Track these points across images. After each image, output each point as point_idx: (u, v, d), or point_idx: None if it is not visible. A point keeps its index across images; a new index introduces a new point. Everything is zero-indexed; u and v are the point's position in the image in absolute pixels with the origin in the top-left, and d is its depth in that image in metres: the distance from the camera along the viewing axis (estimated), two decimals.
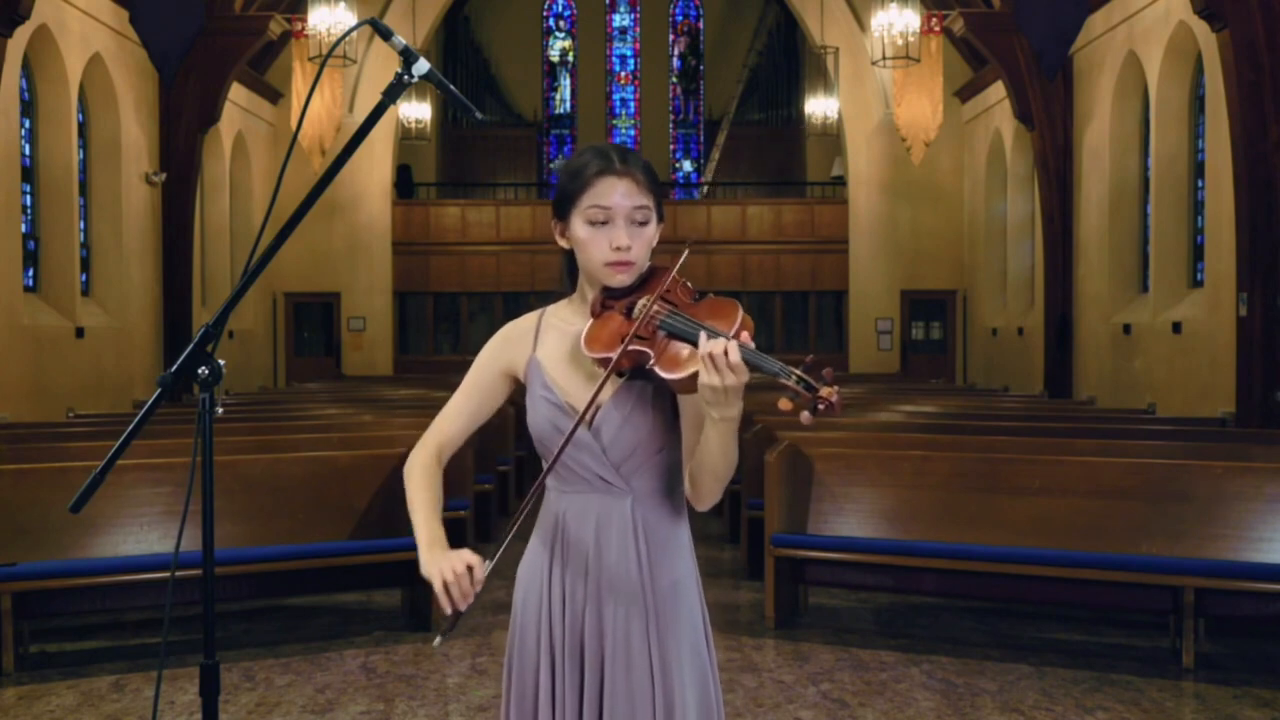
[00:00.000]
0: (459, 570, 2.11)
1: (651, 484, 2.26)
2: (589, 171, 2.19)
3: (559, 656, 2.26)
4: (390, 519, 6.44)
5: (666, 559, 2.27)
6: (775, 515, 6.35)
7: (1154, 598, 5.69)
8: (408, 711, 5.03)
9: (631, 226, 2.19)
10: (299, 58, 15.78)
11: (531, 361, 2.30)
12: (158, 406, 2.17)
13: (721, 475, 2.18)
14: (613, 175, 2.18)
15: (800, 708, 5.06)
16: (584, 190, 2.19)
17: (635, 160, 2.22)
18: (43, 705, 5.12)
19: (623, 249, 2.18)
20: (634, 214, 2.19)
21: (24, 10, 10.82)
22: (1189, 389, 11.96)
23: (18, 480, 5.79)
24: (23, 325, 11.98)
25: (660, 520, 2.27)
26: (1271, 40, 9.87)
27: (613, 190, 2.18)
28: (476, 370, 2.37)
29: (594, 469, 2.24)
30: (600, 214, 2.18)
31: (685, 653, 2.26)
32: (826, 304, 20.74)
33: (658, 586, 2.25)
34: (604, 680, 2.23)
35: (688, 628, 2.28)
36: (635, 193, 2.19)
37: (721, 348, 1.99)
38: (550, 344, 2.30)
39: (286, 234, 2.17)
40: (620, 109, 25.69)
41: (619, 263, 2.19)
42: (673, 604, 2.26)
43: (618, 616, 2.23)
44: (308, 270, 19.25)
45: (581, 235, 2.21)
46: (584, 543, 2.26)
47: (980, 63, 17.85)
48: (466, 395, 2.38)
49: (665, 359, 2.09)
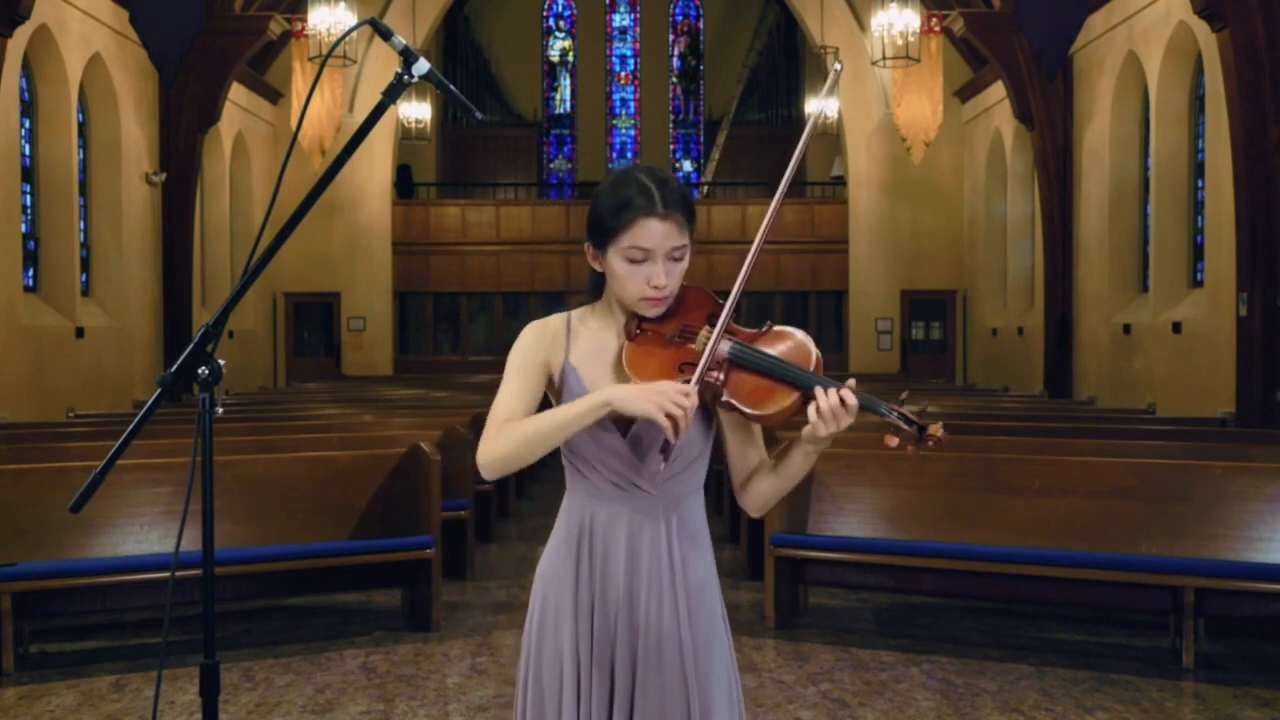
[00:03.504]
0: (681, 401, 2.06)
1: (684, 489, 2.31)
2: (632, 212, 2.18)
3: (585, 661, 2.27)
4: (390, 519, 6.45)
5: (695, 555, 2.31)
6: (775, 515, 6.34)
7: (1154, 598, 5.69)
8: (408, 711, 5.03)
9: (668, 263, 2.21)
10: (299, 58, 15.78)
11: (567, 366, 2.29)
12: (158, 406, 2.17)
13: (786, 493, 2.33)
14: (655, 218, 2.18)
15: (800, 708, 5.06)
16: (625, 229, 2.19)
17: (676, 198, 2.21)
18: (43, 705, 5.12)
19: (660, 287, 2.21)
20: (672, 253, 2.21)
21: (24, 10, 10.82)
22: (1189, 389, 11.95)
23: (18, 480, 5.79)
24: (23, 325, 11.98)
25: (690, 520, 2.32)
26: (1271, 40, 9.86)
27: (654, 233, 2.19)
28: (522, 363, 2.29)
29: (630, 478, 2.26)
30: (640, 254, 2.20)
31: (714, 646, 2.30)
32: (826, 304, 20.74)
33: (688, 583, 2.29)
34: (635, 679, 2.25)
35: (717, 622, 2.33)
36: (675, 234, 2.20)
37: (837, 400, 2.08)
38: (582, 350, 2.30)
39: (286, 234, 2.17)
40: (620, 109, 25.69)
41: (655, 299, 2.22)
42: (699, 598, 2.30)
43: (650, 614, 2.25)
44: (308, 270, 19.25)
45: (619, 270, 2.22)
46: (616, 548, 2.27)
47: (980, 63, 17.85)
48: (520, 384, 2.28)
49: (745, 393, 2.16)
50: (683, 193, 2.23)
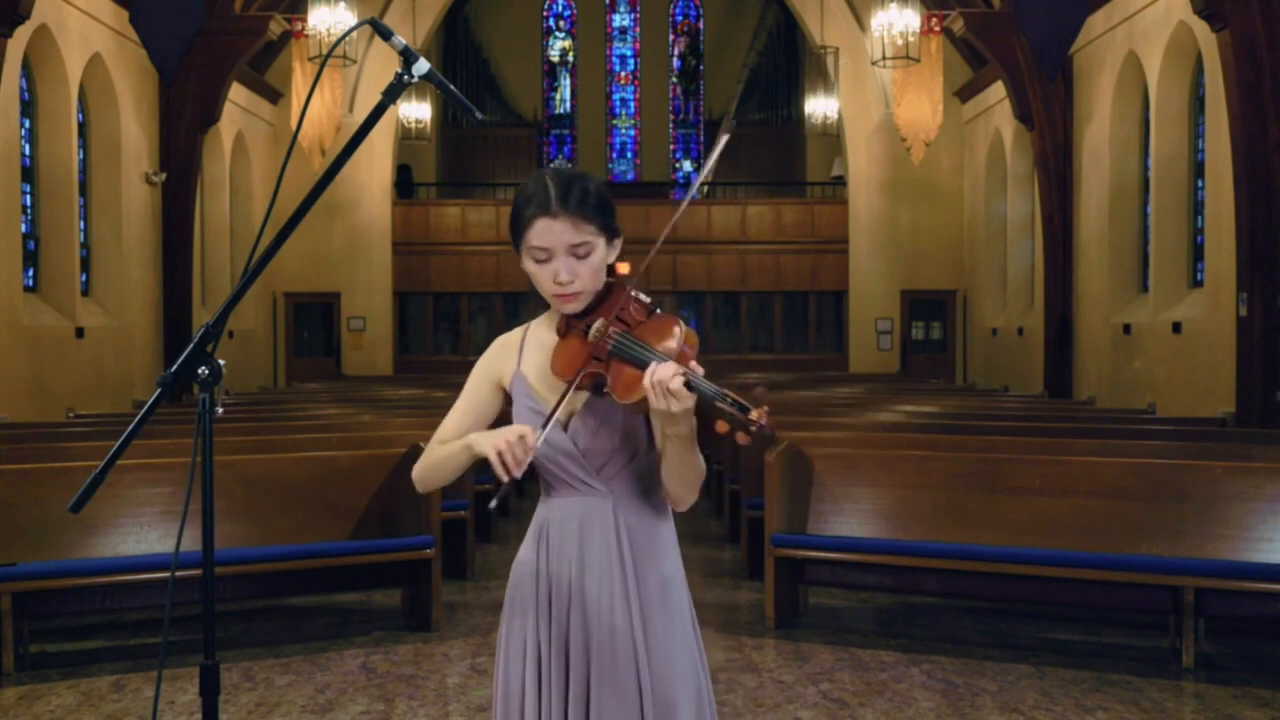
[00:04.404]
0: (511, 439, 2.15)
1: (631, 487, 2.33)
2: (526, 213, 2.25)
3: (545, 656, 2.31)
4: (390, 519, 6.44)
5: (652, 559, 2.34)
6: (775, 515, 6.35)
7: (1154, 598, 5.68)
8: (408, 711, 5.03)
9: (572, 260, 2.24)
10: (299, 58, 15.78)
11: (516, 375, 2.38)
12: (158, 406, 2.17)
13: (688, 482, 2.28)
14: (548, 218, 2.22)
15: (800, 708, 5.06)
16: (525, 230, 2.26)
17: (574, 194, 2.23)
18: (43, 705, 5.12)
19: (564, 283, 2.25)
20: (574, 250, 2.24)
21: (24, 10, 10.83)
22: (1189, 389, 11.95)
23: (18, 480, 5.79)
24: (23, 325, 11.98)
25: (642, 521, 2.34)
26: (1271, 40, 9.87)
27: (548, 232, 2.23)
28: (472, 382, 2.45)
29: (576, 473, 2.32)
30: (542, 254, 2.25)
31: (676, 649, 2.31)
32: (826, 304, 20.74)
33: (644, 587, 2.31)
34: (590, 679, 2.28)
35: (678, 624, 2.34)
36: (571, 230, 2.23)
37: (662, 376, 2.07)
38: (531, 357, 2.38)
39: (286, 234, 2.18)
40: (620, 109, 25.70)
41: (564, 295, 2.26)
42: (661, 602, 2.32)
43: (602, 615, 2.28)
44: (308, 270, 19.26)
45: (530, 270, 2.30)
46: (569, 544, 2.33)
47: (980, 63, 17.85)
48: (463, 412, 2.44)
49: (620, 383, 2.19)
50: (585, 191, 2.24)
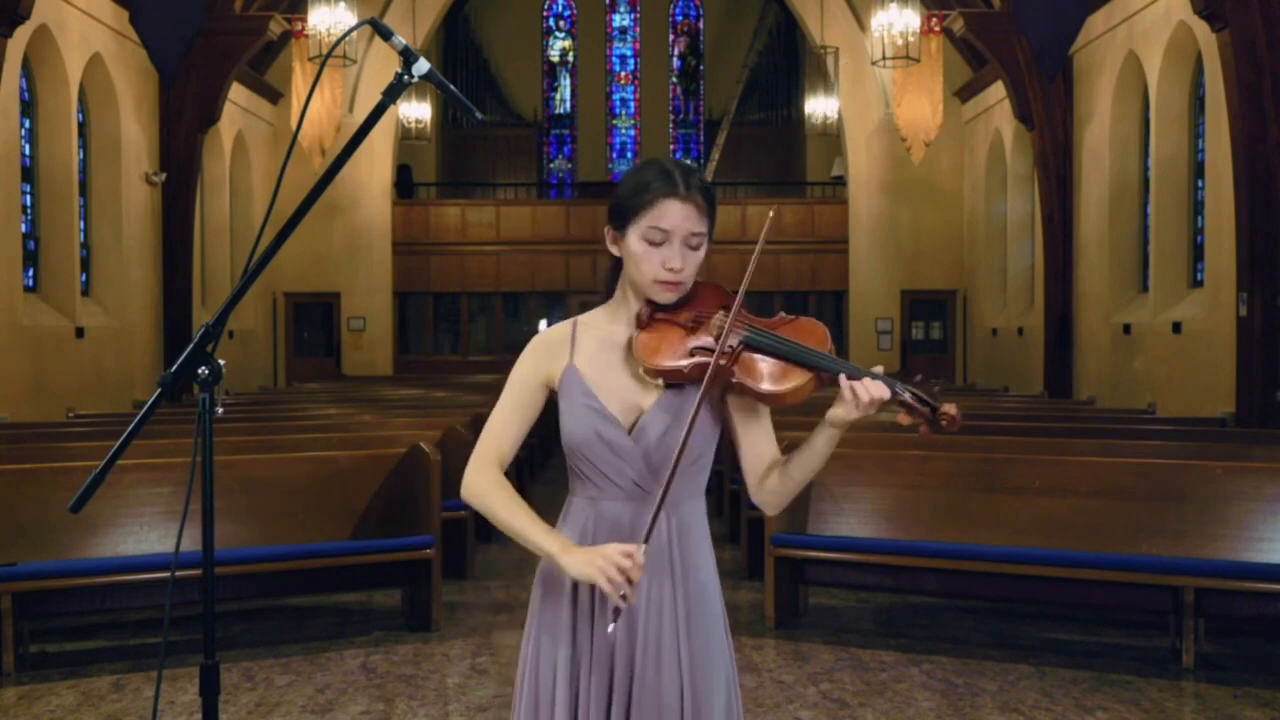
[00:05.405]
0: (623, 565, 2.10)
1: (686, 489, 2.30)
2: (654, 191, 2.22)
3: (584, 662, 2.27)
4: (390, 519, 6.44)
5: (697, 560, 2.31)
6: (775, 515, 6.34)
7: (1154, 598, 5.68)
8: (408, 711, 5.03)
9: (685, 249, 2.23)
10: (299, 58, 15.78)
11: (569, 370, 2.30)
12: (158, 406, 2.17)
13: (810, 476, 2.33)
14: (677, 200, 2.21)
15: (800, 708, 5.06)
16: (646, 208, 2.22)
17: (698, 184, 2.24)
18: (43, 705, 5.12)
19: (675, 270, 2.22)
20: (690, 239, 2.23)
21: (24, 10, 10.83)
22: (1189, 389, 11.95)
23: (18, 480, 5.78)
24: (23, 325, 11.98)
25: (692, 524, 2.32)
26: (1271, 40, 9.86)
27: (674, 214, 2.21)
28: (516, 387, 2.36)
29: (632, 477, 2.27)
30: (658, 235, 2.22)
31: (713, 652, 2.30)
32: (826, 304, 20.74)
33: (689, 588, 2.29)
34: (633, 680, 2.25)
35: (716, 627, 2.32)
36: (694, 218, 2.22)
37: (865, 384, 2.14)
38: (589, 351, 2.32)
39: (286, 234, 2.17)
40: (620, 109, 25.69)
41: (669, 283, 2.24)
42: (700, 603, 2.30)
43: (649, 617, 2.26)
44: (308, 270, 19.26)
45: (636, 250, 2.24)
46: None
47: (980, 63, 17.84)
48: (510, 411, 2.36)
49: (757, 374, 2.19)
50: (704, 182, 2.26)
